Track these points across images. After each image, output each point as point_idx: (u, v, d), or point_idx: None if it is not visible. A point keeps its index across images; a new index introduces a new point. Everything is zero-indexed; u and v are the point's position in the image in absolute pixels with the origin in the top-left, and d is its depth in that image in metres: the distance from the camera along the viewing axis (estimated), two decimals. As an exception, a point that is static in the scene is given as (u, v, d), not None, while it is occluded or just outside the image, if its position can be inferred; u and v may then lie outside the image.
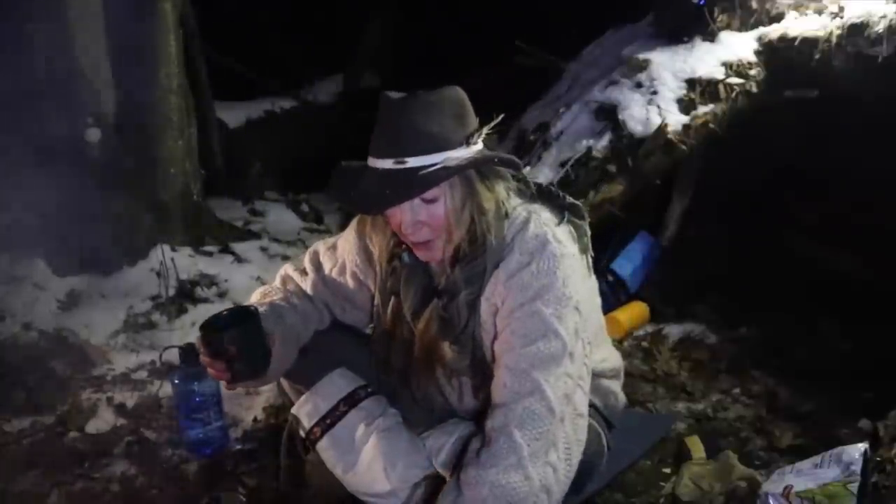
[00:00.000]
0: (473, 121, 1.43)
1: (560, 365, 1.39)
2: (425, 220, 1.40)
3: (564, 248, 1.45)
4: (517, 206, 1.49)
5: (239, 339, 1.51)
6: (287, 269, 1.77)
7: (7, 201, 3.19)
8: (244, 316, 1.56)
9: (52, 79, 3.22)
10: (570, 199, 1.56)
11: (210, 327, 1.55)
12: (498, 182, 1.46)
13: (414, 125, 1.35)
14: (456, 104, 1.41)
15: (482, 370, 1.51)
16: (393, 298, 1.59)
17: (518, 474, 1.33)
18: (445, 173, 1.35)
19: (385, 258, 1.59)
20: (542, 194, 1.55)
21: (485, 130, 1.43)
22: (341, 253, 1.71)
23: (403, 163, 1.35)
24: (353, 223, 1.72)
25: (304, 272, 1.73)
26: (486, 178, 1.43)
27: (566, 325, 1.41)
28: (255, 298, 1.70)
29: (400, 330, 1.59)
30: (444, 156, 1.36)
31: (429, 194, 1.37)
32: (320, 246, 1.77)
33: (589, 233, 1.54)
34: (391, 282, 1.59)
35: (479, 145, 1.42)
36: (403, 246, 1.54)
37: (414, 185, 1.34)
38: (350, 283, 1.69)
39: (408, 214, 1.40)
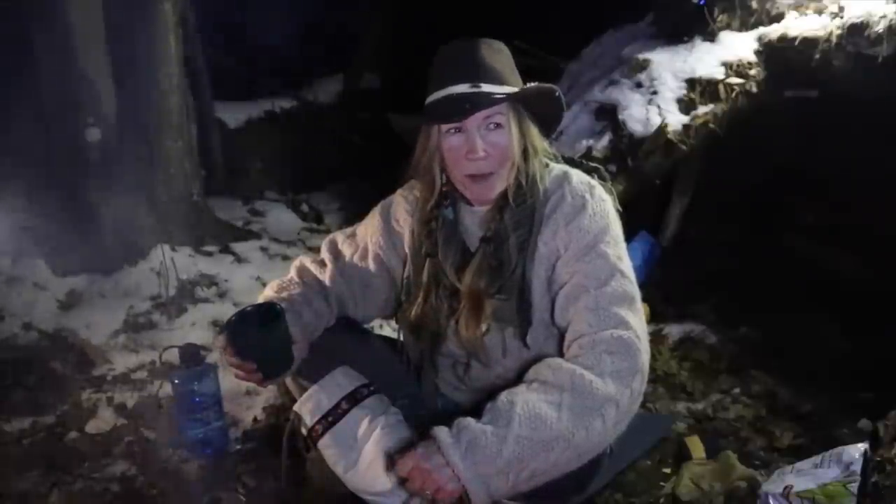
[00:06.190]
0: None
1: (635, 301, 1.48)
2: (490, 148, 1.50)
3: (605, 194, 1.58)
4: (550, 163, 1.62)
5: (267, 341, 1.50)
6: (303, 260, 1.77)
7: (7, 201, 3.19)
8: (271, 315, 1.52)
9: (52, 79, 3.22)
10: (592, 164, 1.72)
11: (237, 327, 1.51)
12: (542, 137, 1.60)
13: (486, 60, 1.50)
14: (511, 57, 1.58)
15: (527, 316, 1.55)
16: (429, 261, 1.62)
17: (599, 380, 1.36)
18: (516, 94, 1.50)
19: (422, 222, 1.64)
20: (566, 161, 1.69)
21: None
22: (362, 237, 1.75)
23: (478, 87, 1.48)
24: (375, 209, 1.76)
25: (321, 263, 1.74)
26: (537, 127, 1.57)
27: (627, 264, 1.51)
28: (270, 291, 1.69)
29: (436, 291, 1.62)
30: (510, 88, 1.50)
31: (499, 118, 1.50)
32: (338, 236, 1.80)
33: (614, 193, 1.64)
34: (427, 245, 1.62)
35: None
36: (447, 202, 1.61)
37: (492, 100, 1.48)
38: (371, 266, 1.72)
39: (477, 140, 1.49)
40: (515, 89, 1.51)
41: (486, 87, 1.47)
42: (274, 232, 3.99)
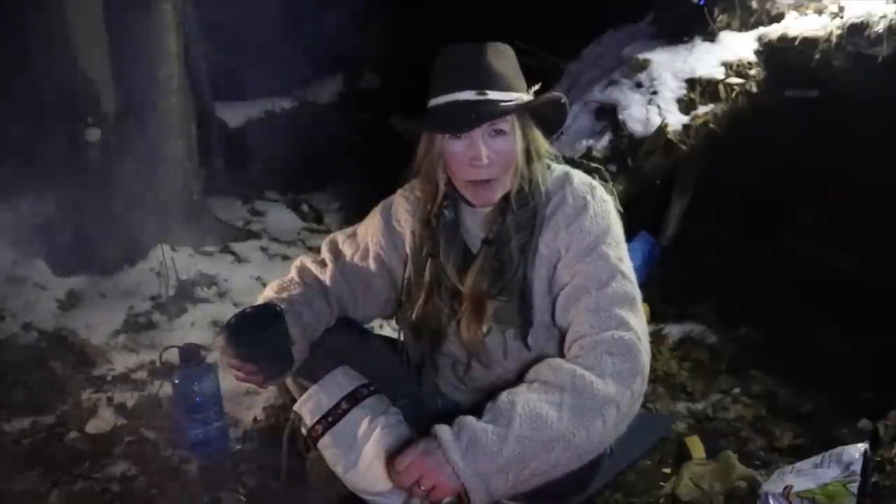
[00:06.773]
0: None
1: (636, 302, 1.48)
2: (494, 155, 1.49)
3: (607, 195, 1.58)
4: (552, 164, 1.62)
5: (267, 342, 1.50)
6: (304, 260, 1.77)
7: (8, 201, 3.19)
8: (270, 317, 1.52)
9: (52, 79, 3.22)
10: (593, 164, 1.71)
11: (236, 329, 1.51)
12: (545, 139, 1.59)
13: (491, 65, 1.48)
14: (516, 59, 1.55)
15: (528, 317, 1.55)
16: (430, 261, 1.62)
17: (600, 380, 1.36)
18: (523, 105, 1.49)
19: (423, 222, 1.64)
20: (567, 161, 1.69)
21: (535, 88, 1.56)
22: (363, 237, 1.75)
23: (484, 94, 1.46)
24: (376, 209, 1.76)
25: (322, 263, 1.74)
26: (541, 131, 1.57)
27: (628, 265, 1.51)
28: (270, 292, 1.69)
29: (438, 291, 1.62)
30: (516, 95, 1.49)
31: (504, 124, 1.48)
32: (338, 235, 1.80)
33: (615, 193, 1.63)
34: (428, 245, 1.62)
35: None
36: (446, 203, 1.61)
37: (497, 110, 1.46)
38: (372, 266, 1.71)
39: (482, 147, 1.48)
40: (521, 95, 1.50)
41: (492, 95, 1.46)
42: (274, 232, 3.99)
